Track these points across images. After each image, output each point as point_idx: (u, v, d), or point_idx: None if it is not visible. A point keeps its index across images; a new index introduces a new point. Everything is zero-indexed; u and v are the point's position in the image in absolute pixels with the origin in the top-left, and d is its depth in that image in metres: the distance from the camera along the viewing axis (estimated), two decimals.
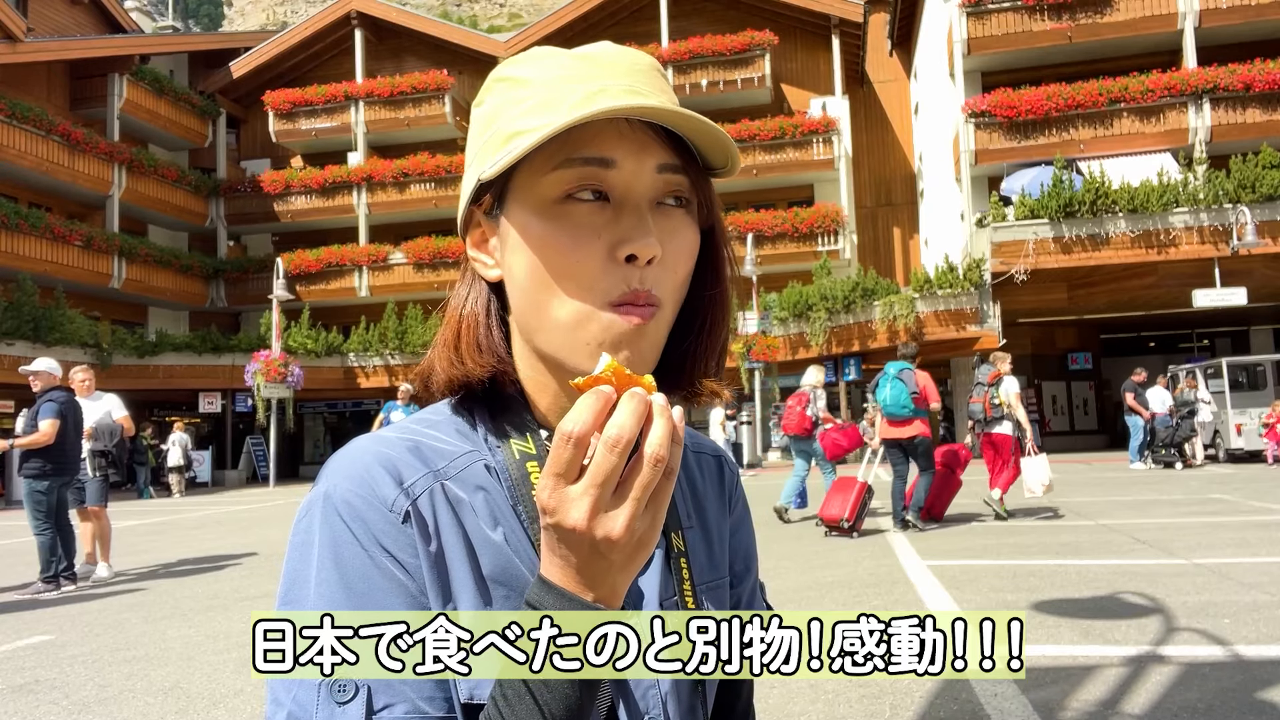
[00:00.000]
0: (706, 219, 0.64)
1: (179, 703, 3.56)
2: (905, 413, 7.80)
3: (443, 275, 24.31)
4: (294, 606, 0.56)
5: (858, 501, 7.62)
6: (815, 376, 9.09)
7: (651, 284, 0.58)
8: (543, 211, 0.58)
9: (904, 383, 7.81)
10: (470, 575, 0.58)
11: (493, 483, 0.62)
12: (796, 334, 20.29)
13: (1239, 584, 4.97)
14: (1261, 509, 8.35)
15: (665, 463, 0.47)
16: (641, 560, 0.50)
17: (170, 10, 41.09)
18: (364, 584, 0.56)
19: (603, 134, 0.57)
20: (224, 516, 12.69)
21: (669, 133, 0.59)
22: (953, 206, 22.46)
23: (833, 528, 7.73)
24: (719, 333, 0.67)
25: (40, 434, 6.32)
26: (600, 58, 0.60)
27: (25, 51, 20.68)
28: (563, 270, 0.58)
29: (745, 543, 0.81)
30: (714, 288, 0.66)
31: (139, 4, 33.69)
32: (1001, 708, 3.08)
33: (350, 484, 0.59)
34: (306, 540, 0.58)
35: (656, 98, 0.58)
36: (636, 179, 0.58)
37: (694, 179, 0.60)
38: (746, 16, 25.22)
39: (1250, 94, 18.87)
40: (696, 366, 0.67)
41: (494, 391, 0.66)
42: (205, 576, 6.82)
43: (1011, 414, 8.15)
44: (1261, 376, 17.26)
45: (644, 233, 0.56)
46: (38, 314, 18.87)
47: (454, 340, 0.66)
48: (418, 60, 27.59)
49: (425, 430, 0.64)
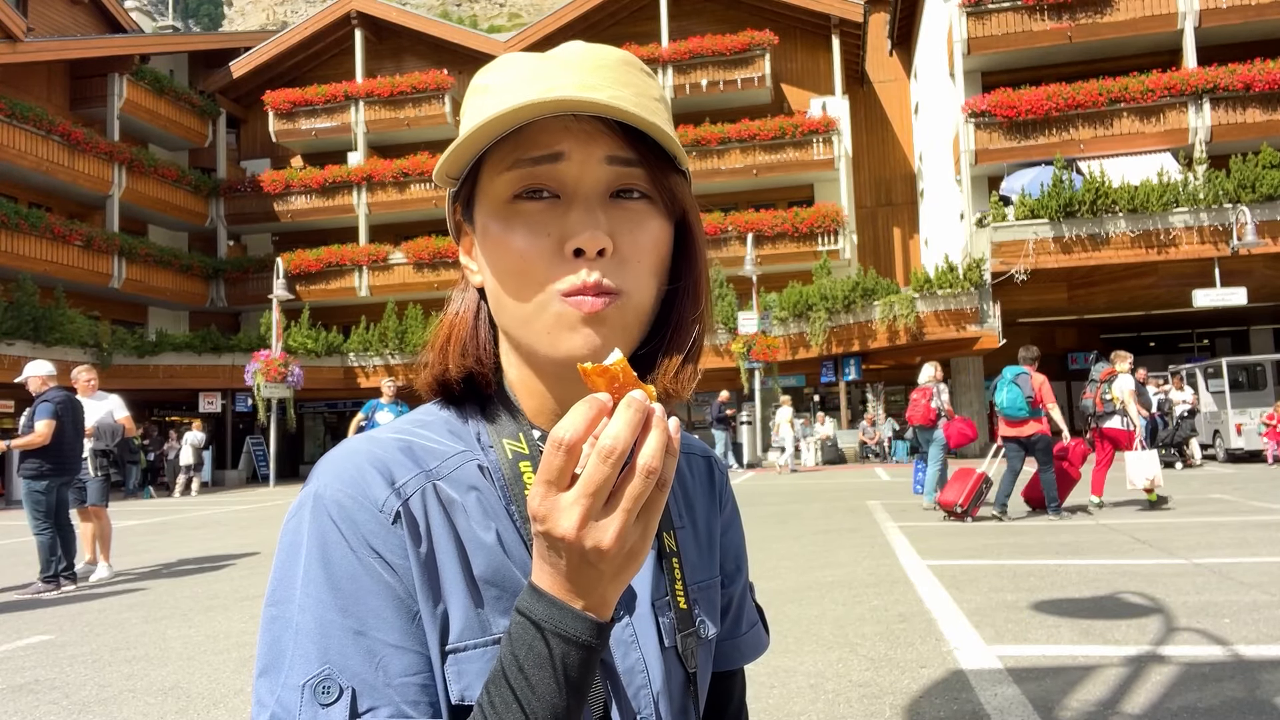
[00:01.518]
0: (675, 210, 0.63)
1: (179, 703, 3.55)
2: (1022, 414, 8.27)
3: (443, 275, 24.33)
4: (281, 605, 0.56)
5: (974, 490, 8.28)
6: (932, 372, 9.68)
7: (606, 275, 0.57)
8: (498, 213, 0.60)
9: (1020, 386, 8.32)
10: (461, 576, 0.58)
11: (485, 483, 0.62)
12: (796, 334, 20.29)
13: (1239, 584, 4.97)
14: (1261, 509, 8.35)
15: (658, 474, 0.47)
16: (633, 572, 0.50)
17: (170, 10, 41.11)
18: (351, 584, 0.56)
19: (549, 129, 0.57)
20: (224, 516, 12.69)
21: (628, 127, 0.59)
22: (953, 206, 22.46)
23: (949, 512, 8.38)
24: (689, 331, 0.65)
25: (35, 435, 6.33)
26: (561, 57, 0.59)
27: (25, 51, 20.68)
28: (517, 268, 0.59)
29: (736, 543, 0.81)
30: (686, 286, 0.65)
31: (139, 4, 33.70)
32: (1001, 707, 3.08)
33: (341, 484, 0.58)
34: (295, 539, 0.58)
35: (611, 90, 0.57)
36: (585, 170, 0.58)
37: (651, 170, 0.60)
38: (746, 16, 25.23)
39: (1250, 94, 18.88)
40: (665, 364, 0.65)
41: (484, 392, 0.67)
42: (205, 576, 6.81)
43: (1124, 409, 8.55)
44: (1261, 376, 17.27)
45: (589, 225, 0.57)
46: (38, 314, 18.87)
47: (443, 343, 0.67)
48: (418, 60, 27.60)
49: (417, 430, 0.64)
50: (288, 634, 0.55)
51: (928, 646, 3.93)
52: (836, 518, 9.06)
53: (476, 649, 0.57)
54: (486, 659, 0.57)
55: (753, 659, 0.81)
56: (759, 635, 0.82)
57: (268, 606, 0.57)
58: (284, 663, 0.54)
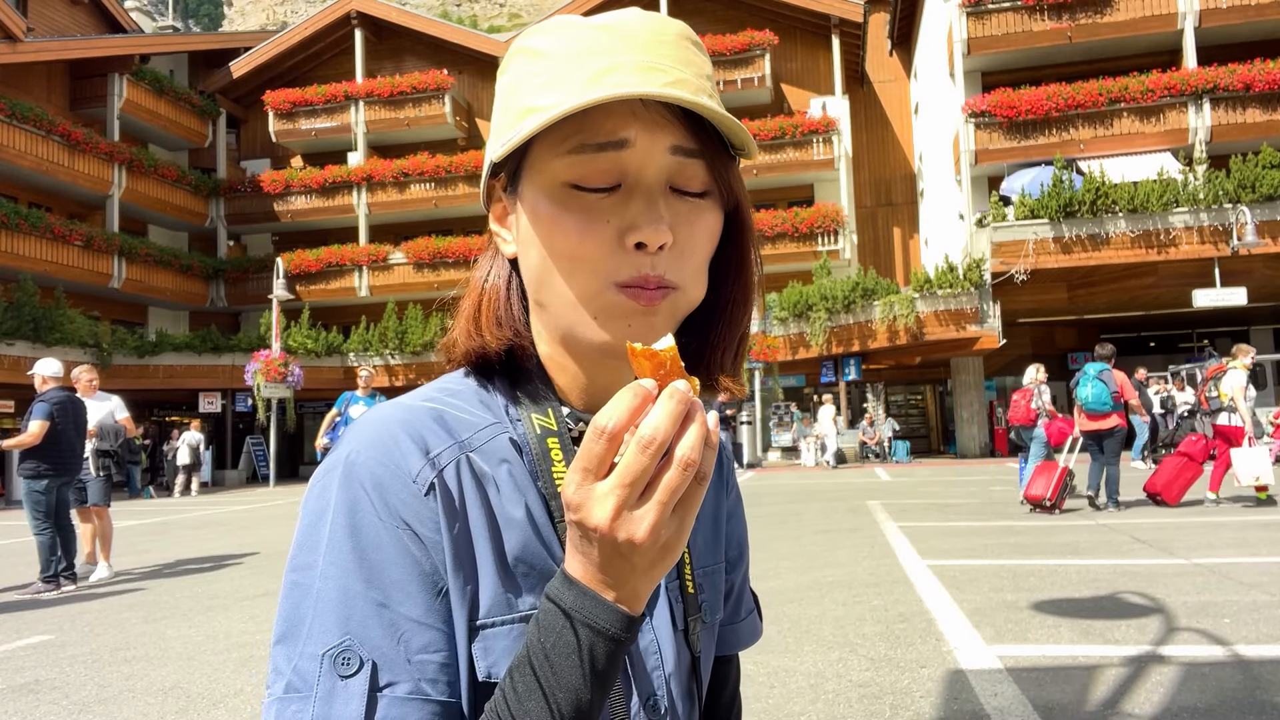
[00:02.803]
0: (729, 201, 0.62)
1: (179, 703, 3.55)
2: (1105, 407, 8.62)
3: (443, 275, 24.32)
4: (302, 571, 0.55)
5: (1059, 483, 8.60)
6: (1036, 374, 10.01)
7: (664, 269, 0.56)
8: (553, 194, 0.57)
9: (1104, 383, 8.64)
10: (492, 552, 0.57)
11: (515, 457, 0.61)
12: (796, 334, 20.29)
13: (1239, 584, 4.97)
14: (1262, 509, 8.35)
15: (696, 467, 0.46)
16: (666, 566, 0.49)
17: (170, 10, 41.11)
18: (377, 554, 0.54)
19: (615, 113, 0.55)
20: (224, 516, 12.68)
21: (691, 113, 0.57)
22: (953, 206, 22.46)
23: (1036, 505, 8.68)
24: (739, 325, 0.65)
25: (27, 435, 6.33)
26: (620, 28, 0.57)
27: (25, 51, 20.68)
28: (570, 253, 0.57)
29: (739, 530, 0.81)
30: (737, 278, 0.65)
31: (139, 4, 33.70)
32: (1001, 707, 3.08)
33: (374, 451, 0.57)
34: (322, 505, 0.56)
35: (676, 71, 0.55)
36: (649, 159, 0.56)
37: (711, 160, 0.58)
38: (746, 16, 25.23)
39: (1250, 94, 18.88)
40: (715, 358, 0.65)
41: (513, 364, 0.66)
42: (205, 576, 6.81)
43: (1232, 405, 8.64)
44: (1261, 376, 17.27)
45: (653, 219, 0.55)
46: (38, 314, 18.87)
47: (474, 313, 0.66)
48: (418, 60, 27.60)
49: (448, 399, 0.63)
50: (308, 601, 0.54)
51: (928, 646, 3.93)
52: (836, 518, 9.06)
53: (504, 626, 0.57)
54: (514, 636, 0.56)
55: (748, 645, 0.81)
56: (755, 622, 0.83)
57: (289, 573, 0.56)
58: (303, 630, 0.53)
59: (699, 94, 0.55)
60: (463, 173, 24.98)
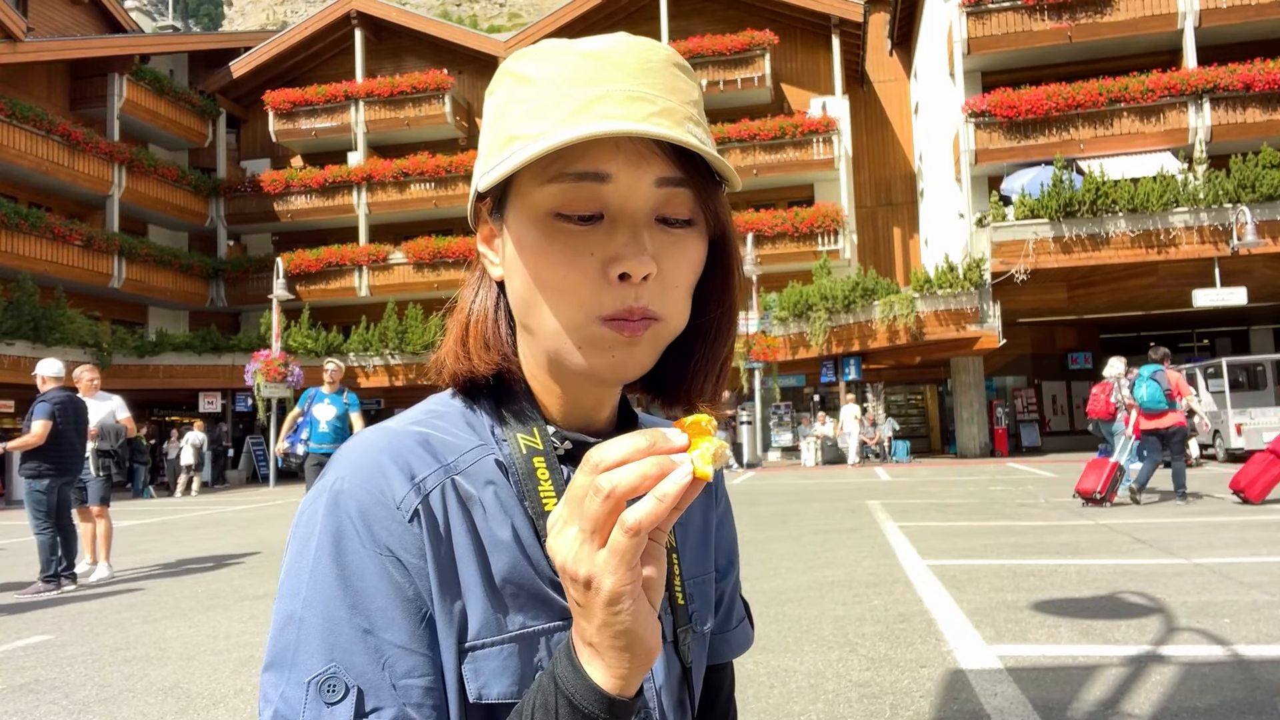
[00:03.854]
0: (715, 229, 0.62)
1: (179, 703, 3.55)
2: (1161, 406, 9.00)
3: (443, 275, 24.32)
4: (289, 598, 0.56)
5: (1109, 478, 8.95)
6: (1118, 368, 10.32)
7: (648, 300, 0.56)
8: (536, 223, 0.57)
9: (1158, 383, 9.02)
10: (479, 574, 0.58)
11: (502, 478, 0.62)
12: (796, 334, 20.29)
13: (1239, 584, 4.97)
14: (1261, 509, 8.35)
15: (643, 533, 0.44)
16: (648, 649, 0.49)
17: (170, 10, 41.12)
18: (361, 582, 0.55)
19: (597, 144, 0.54)
20: (224, 516, 12.69)
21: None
22: (953, 206, 22.46)
23: (1087, 499, 9.02)
24: (720, 351, 0.65)
25: (30, 435, 6.34)
26: (608, 55, 0.56)
27: (25, 51, 20.67)
28: (554, 284, 0.57)
29: (728, 539, 0.81)
30: (720, 305, 0.65)
31: (139, 4, 33.71)
32: (1001, 707, 3.08)
33: (359, 479, 0.58)
34: (308, 532, 0.57)
35: (662, 100, 0.55)
36: (633, 192, 0.56)
37: (698, 188, 0.58)
38: (746, 16, 25.22)
39: (1250, 94, 18.87)
40: (695, 384, 0.66)
41: (500, 385, 0.66)
42: (205, 576, 6.81)
43: None
44: (1261, 376, 17.27)
45: (637, 251, 0.55)
46: (38, 314, 18.86)
47: (462, 335, 0.66)
48: (418, 60, 27.60)
49: (435, 422, 0.64)
50: (293, 628, 0.55)
51: (928, 646, 3.93)
52: (836, 518, 9.06)
53: (494, 647, 0.57)
54: (503, 657, 0.57)
55: (740, 653, 0.82)
56: (746, 630, 0.83)
57: (277, 600, 0.57)
58: (289, 658, 0.54)
59: (684, 123, 0.55)
60: (463, 172, 24.98)
